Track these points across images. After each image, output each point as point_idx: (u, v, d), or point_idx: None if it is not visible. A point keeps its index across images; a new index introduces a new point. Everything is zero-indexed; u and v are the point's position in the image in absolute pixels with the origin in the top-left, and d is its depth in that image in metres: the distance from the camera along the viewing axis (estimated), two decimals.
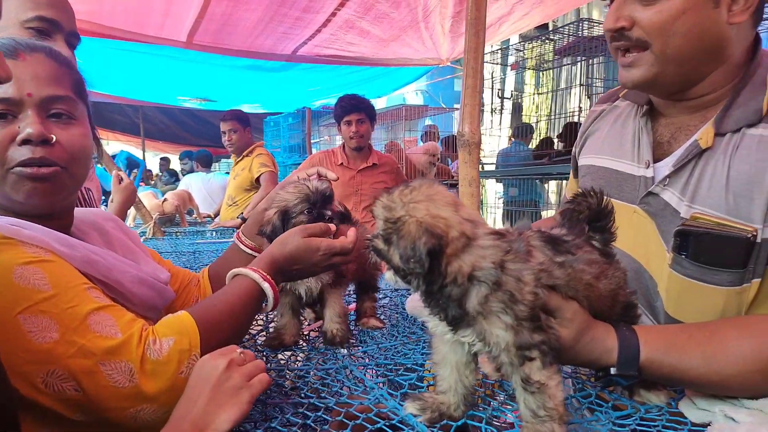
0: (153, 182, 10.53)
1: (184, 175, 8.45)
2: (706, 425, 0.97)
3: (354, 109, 4.07)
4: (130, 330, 0.98)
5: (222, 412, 0.91)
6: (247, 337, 1.64)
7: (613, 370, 1.02)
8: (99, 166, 4.39)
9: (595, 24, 4.31)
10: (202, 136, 11.71)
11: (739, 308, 1.15)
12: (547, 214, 5.85)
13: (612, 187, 1.37)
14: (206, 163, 7.35)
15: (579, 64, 4.67)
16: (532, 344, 0.90)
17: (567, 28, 4.43)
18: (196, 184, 6.19)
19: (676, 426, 0.98)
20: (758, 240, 1.09)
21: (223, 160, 13.41)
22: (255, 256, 1.53)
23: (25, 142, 1.06)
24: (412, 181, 0.97)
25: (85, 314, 0.95)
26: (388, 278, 0.99)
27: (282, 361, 1.45)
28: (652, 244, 1.26)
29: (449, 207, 0.93)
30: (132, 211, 4.42)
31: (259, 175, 4.71)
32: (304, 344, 1.55)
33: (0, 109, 1.05)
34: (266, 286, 1.23)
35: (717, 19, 1.13)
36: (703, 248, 1.15)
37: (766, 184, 1.08)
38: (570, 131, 4.23)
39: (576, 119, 4.47)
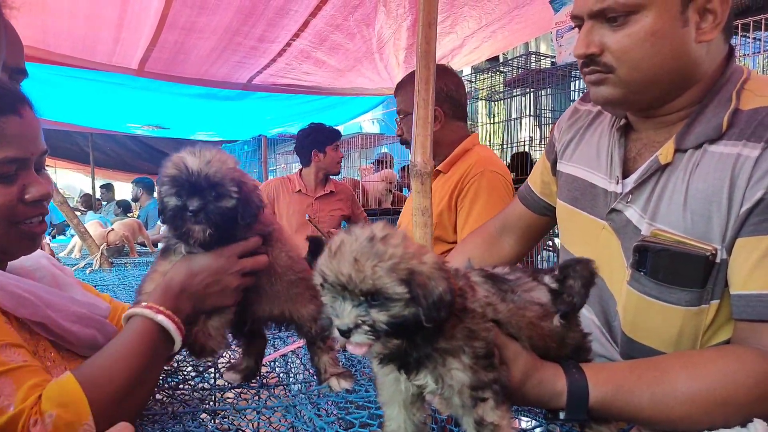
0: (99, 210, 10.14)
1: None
2: None
3: (338, 135, 4.27)
4: (23, 404, 0.91)
5: None
6: (194, 374, 1.57)
7: (562, 415, 1.01)
8: None
9: (543, 57, 4.47)
10: (155, 164, 11.45)
11: (696, 330, 1.13)
12: None
13: (586, 201, 1.35)
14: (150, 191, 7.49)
15: (528, 95, 4.82)
16: (486, 384, 0.88)
17: (516, 60, 4.58)
18: None
19: None
20: (717, 260, 1.07)
21: None
22: None
23: (34, 201, 1.11)
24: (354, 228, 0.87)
25: None
26: (376, 352, 0.87)
27: (229, 400, 1.40)
28: (615, 262, 1.24)
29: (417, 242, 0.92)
30: (77, 242, 4.25)
31: None
32: (254, 383, 1.49)
33: (12, 169, 1.07)
34: (161, 318, 1.10)
35: (686, 38, 1.11)
36: (661, 265, 1.13)
37: (724, 203, 1.06)
38: (519, 161, 4.34)
39: (527, 149, 4.59)
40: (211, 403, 1.33)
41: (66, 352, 1.15)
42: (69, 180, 14.21)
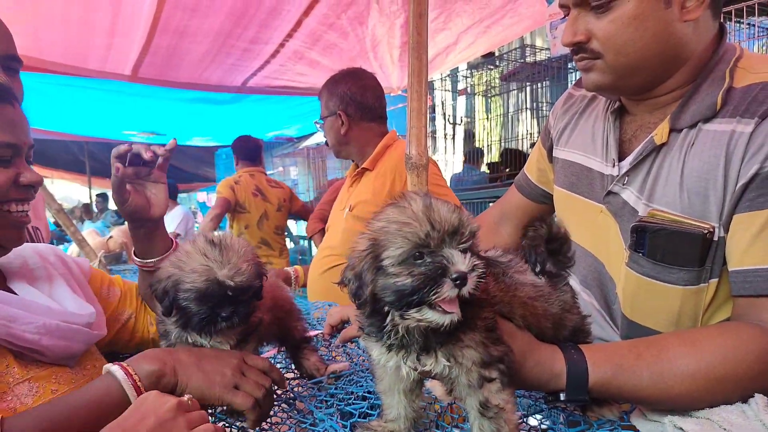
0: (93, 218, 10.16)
1: None
2: None
3: None
4: None
5: None
6: None
7: (563, 396, 0.99)
8: None
9: (538, 50, 4.46)
10: None
11: (696, 310, 1.13)
12: None
13: (583, 185, 1.35)
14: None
15: (525, 88, 4.81)
16: (493, 360, 0.87)
17: (512, 53, 4.56)
18: None
19: None
20: (715, 238, 1.07)
21: (180, 194, 13.06)
22: None
23: (26, 186, 1.14)
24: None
25: None
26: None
27: None
28: (613, 244, 1.24)
29: None
30: (75, 249, 4.25)
31: None
32: None
33: (8, 154, 1.11)
34: (115, 369, 1.01)
35: (670, 18, 1.11)
36: (659, 245, 1.13)
37: (720, 181, 1.06)
38: (509, 156, 4.34)
39: (526, 143, 4.58)
40: None
41: (33, 365, 1.12)
42: (66, 191, 14.20)
